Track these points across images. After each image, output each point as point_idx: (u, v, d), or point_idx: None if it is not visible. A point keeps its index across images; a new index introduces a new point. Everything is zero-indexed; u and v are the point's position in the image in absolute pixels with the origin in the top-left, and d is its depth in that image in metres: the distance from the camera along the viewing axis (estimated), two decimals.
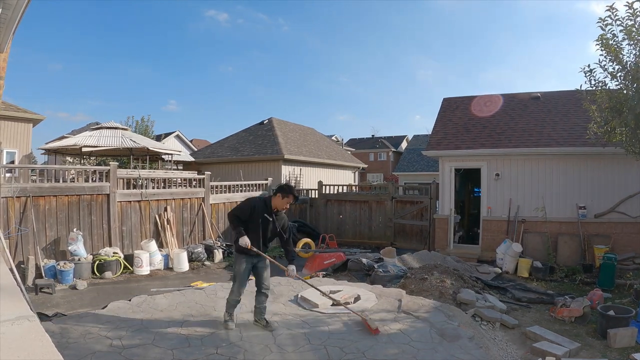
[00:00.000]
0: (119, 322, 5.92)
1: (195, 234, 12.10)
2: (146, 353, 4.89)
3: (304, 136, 22.38)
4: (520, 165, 11.68)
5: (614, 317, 5.89)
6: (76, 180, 10.95)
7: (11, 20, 3.85)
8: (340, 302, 6.54)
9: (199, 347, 5.06)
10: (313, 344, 5.19)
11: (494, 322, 6.39)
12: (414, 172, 35.17)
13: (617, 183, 10.72)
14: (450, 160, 12.59)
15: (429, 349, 5.04)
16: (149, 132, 27.96)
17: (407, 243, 14.05)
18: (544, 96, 14.25)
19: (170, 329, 5.67)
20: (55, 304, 7.22)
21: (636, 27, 6.71)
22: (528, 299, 7.90)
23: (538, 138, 11.81)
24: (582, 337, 5.98)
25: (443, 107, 15.29)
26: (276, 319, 6.12)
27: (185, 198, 11.87)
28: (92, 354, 4.79)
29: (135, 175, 11.18)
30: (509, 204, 11.56)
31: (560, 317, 6.67)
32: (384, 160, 52.58)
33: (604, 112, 7.82)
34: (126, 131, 17.08)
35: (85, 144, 14.75)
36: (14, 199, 8.48)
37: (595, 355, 5.34)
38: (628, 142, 7.62)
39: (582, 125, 10.69)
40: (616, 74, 7.25)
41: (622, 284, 8.64)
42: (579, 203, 10.93)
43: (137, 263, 9.72)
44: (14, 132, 14.39)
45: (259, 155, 17.97)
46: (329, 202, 16.17)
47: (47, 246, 9.03)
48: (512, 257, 10.36)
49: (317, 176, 19.17)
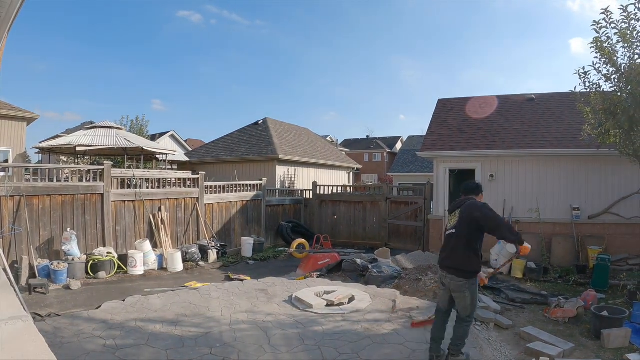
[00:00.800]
0: (113, 322, 5.90)
1: (190, 234, 12.06)
2: (140, 353, 4.87)
3: (299, 137, 22.38)
4: (514, 166, 11.73)
5: (607, 317, 5.93)
6: (70, 179, 10.89)
7: (5, 20, 3.82)
8: (335, 303, 6.55)
9: (193, 348, 5.05)
10: (307, 345, 5.19)
11: (488, 323, 6.41)
12: (408, 173, 35.26)
13: (611, 185, 10.79)
14: (444, 161, 12.62)
15: (424, 350, 5.04)
16: (144, 131, 27.87)
17: (401, 244, 14.07)
18: (539, 98, 14.34)
19: (164, 329, 5.65)
20: (49, 304, 7.17)
21: (630, 30, 6.76)
22: (522, 299, 7.93)
23: (532, 139, 11.87)
24: (576, 337, 6.00)
25: (438, 108, 15.34)
26: (270, 320, 6.12)
27: (180, 198, 11.83)
28: (86, 354, 4.77)
29: (130, 175, 11.13)
30: (503, 205, 11.60)
31: (554, 317, 6.70)
32: (379, 161, 52.72)
33: (598, 114, 7.87)
34: (121, 131, 17.02)
35: (79, 143, 14.68)
36: (7, 198, 8.41)
37: (589, 356, 5.36)
38: (622, 144, 7.67)
39: (577, 127, 10.76)
40: (610, 76, 7.31)
41: (615, 284, 8.69)
42: (573, 204, 10.99)
43: (131, 263, 9.68)
44: (8, 130, 14.32)
45: (254, 156, 17.96)
46: (323, 202, 16.17)
47: (40, 246, 8.98)
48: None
49: (311, 177, 19.17)
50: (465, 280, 4.43)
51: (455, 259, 4.47)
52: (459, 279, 4.43)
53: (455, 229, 4.53)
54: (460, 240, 4.45)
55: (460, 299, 4.51)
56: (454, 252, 4.47)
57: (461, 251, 4.43)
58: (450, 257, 4.51)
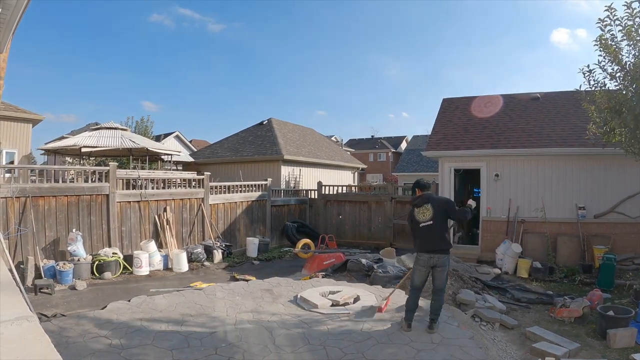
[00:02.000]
0: (119, 322, 5.93)
1: (195, 235, 12.09)
2: (145, 353, 4.89)
3: (304, 137, 22.39)
4: (519, 165, 11.69)
5: (613, 317, 5.90)
6: (75, 180, 10.95)
7: (10, 21, 3.85)
8: (340, 303, 6.55)
9: (198, 348, 5.06)
10: (312, 345, 5.20)
11: (493, 323, 6.39)
12: (413, 173, 35.14)
13: (617, 183, 10.72)
14: (449, 161, 12.59)
15: (429, 350, 5.04)
16: (149, 132, 27.96)
17: (406, 244, 14.02)
18: (544, 97, 14.27)
19: (169, 330, 5.67)
20: (54, 304, 7.21)
21: (635, 27, 6.70)
22: (527, 299, 7.91)
23: (537, 138, 11.82)
24: (581, 337, 5.98)
25: (443, 107, 15.30)
26: (275, 320, 6.12)
27: (185, 198, 11.86)
28: (92, 354, 4.80)
29: (135, 176, 11.18)
30: (509, 204, 11.56)
31: (559, 317, 6.67)
32: (384, 161, 52.62)
33: (603, 112, 7.82)
34: (125, 131, 17.08)
35: (84, 144, 14.75)
36: (13, 199, 8.47)
37: (594, 356, 5.34)
38: (627, 143, 7.61)
39: (582, 126, 10.70)
40: (615, 74, 7.25)
41: (621, 284, 8.64)
42: (578, 203, 10.93)
43: (137, 263, 9.72)
44: (14, 132, 14.38)
45: (259, 156, 17.98)
46: (328, 202, 16.17)
47: (46, 246, 9.03)
48: (511, 257, 10.37)
49: (316, 177, 19.17)
50: (447, 255, 5.66)
51: (442, 243, 5.57)
52: (444, 255, 5.58)
53: (432, 221, 5.53)
54: (441, 228, 5.57)
55: (442, 272, 5.63)
56: (440, 238, 5.54)
57: (444, 236, 5.58)
58: (438, 243, 5.55)
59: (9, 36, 4.18)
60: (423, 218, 5.59)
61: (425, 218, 5.57)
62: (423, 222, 5.57)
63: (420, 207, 5.66)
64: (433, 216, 5.53)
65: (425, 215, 5.58)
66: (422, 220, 5.59)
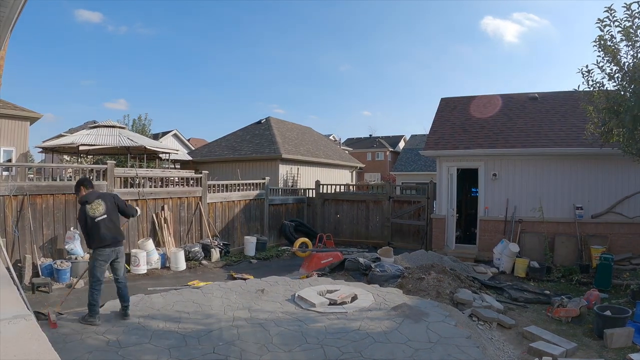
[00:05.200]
0: (116, 320, 5.93)
1: (193, 233, 12.08)
2: (143, 351, 4.89)
3: (302, 135, 22.38)
4: (517, 165, 11.71)
5: (610, 317, 5.92)
6: (73, 178, 10.90)
7: (8, 19, 3.84)
8: (337, 301, 6.55)
9: (196, 346, 5.06)
10: (310, 344, 5.20)
11: (491, 322, 6.40)
12: (411, 172, 35.15)
13: (614, 184, 10.75)
14: (447, 160, 12.60)
15: (426, 349, 5.05)
16: (147, 130, 27.93)
17: (404, 243, 14.07)
18: (542, 97, 14.28)
19: (167, 328, 5.67)
20: (52, 302, 7.20)
21: (634, 28, 6.72)
22: (525, 299, 7.93)
23: (535, 138, 11.83)
24: (578, 337, 5.99)
25: (441, 107, 15.31)
26: (273, 318, 6.12)
27: (183, 197, 11.84)
28: (89, 352, 4.79)
29: (133, 174, 11.15)
30: (506, 204, 11.58)
31: (557, 317, 6.69)
32: (382, 160, 52.61)
33: (602, 113, 7.83)
34: (123, 130, 17.06)
35: (82, 142, 14.72)
36: (10, 198, 8.44)
37: (591, 356, 5.35)
38: (625, 143, 7.63)
39: (580, 126, 10.73)
40: (614, 75, 7.27)
41: (618, 284, 8.67)
42: (576, 203, 10.96)
43: (134, 262, 9.70)
44: (11, 130, 14.33)
45: (257, 155, 17.96)
46: (326, 201, 16.17)
47: (44, 245, 9.00)
48: (509, 257, 10.39)
49: (314, 175, 19.17)
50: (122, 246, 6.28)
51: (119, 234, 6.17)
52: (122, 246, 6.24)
53: (107, 215, 5.99)
54: (116, 220, 6.15)
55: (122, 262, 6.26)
56: (116, 230, 6.10)
57: (119, 227, 6.20)
58: (116, 235, 6.09)
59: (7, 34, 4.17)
60: (97, 212, 5.97)
61: (99, 212, 5.98)
62: (98, 217, 5.95)
63: (92, 202, 6.01)
64: (107, 211, 6.03)
65: (99, 209, 6.00)
66: (96, 214, 5.96)
